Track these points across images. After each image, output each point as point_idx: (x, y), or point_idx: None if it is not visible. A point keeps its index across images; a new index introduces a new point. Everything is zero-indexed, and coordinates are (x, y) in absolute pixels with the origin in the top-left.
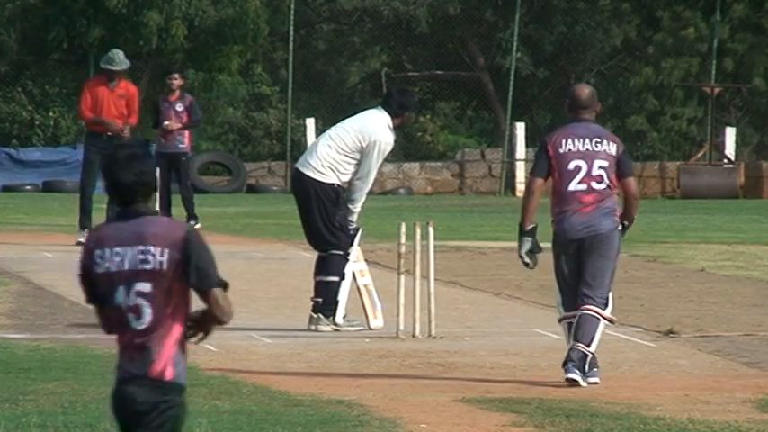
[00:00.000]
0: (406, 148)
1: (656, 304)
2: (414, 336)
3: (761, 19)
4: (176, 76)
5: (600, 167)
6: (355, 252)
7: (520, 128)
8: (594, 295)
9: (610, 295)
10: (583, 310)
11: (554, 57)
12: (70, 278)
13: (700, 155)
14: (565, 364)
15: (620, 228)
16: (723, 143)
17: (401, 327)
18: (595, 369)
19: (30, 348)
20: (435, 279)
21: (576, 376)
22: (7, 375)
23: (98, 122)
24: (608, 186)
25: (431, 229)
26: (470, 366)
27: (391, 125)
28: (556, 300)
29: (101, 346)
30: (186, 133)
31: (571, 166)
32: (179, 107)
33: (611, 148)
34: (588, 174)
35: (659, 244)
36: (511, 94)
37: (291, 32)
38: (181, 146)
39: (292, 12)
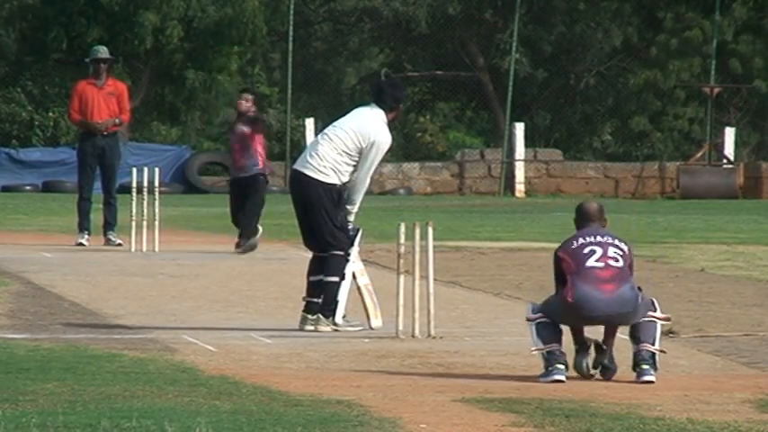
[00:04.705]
0: (406, 148)
1: None
2: (413, 336)
3: (762, 20)
4: (249, 96)
5: (614, 252)
6: (355, 253)
7: (519, 128)
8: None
9: (651, 300)
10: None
11: (553, 57)
12: (70, 278)
13: (699, 155)
14: (635, 367)
15: (641, 298)
16: (722, 143)
17: (400, 327)
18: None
19: (29, 348)
20: (435, 279)
21: (651, 378)
22: (7, 376)
23: (85, 124)
24: (625, 266)
25: (430, 230)
26: (470, 366)
27: (386, 121)
28: (533, 306)
29: (101, 346)
30: (257, 149)
31: (585, 250)
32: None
33: (623, 245)
34: (604, 254)
35: (659, 244)
36: (510, 94)
37: (290, 32)
38: (255, 168)
39: (291, 12)
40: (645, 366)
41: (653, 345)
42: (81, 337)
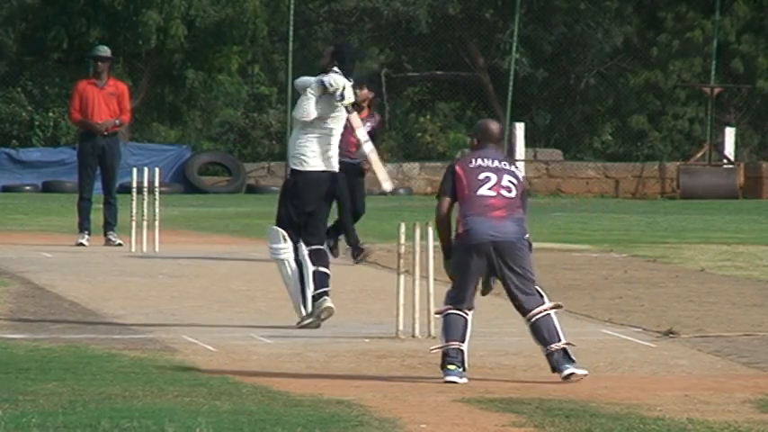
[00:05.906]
0: (406, 148)
1: (655, 304)
2: (413, 336)
3: (764, 20)
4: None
5: (509, 181)
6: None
7: (519, 128)
8: (530, 299)
9: (539, 288)
10: (531, 318)
11: (554, 57)
12: (70, 278)
13: (699, 155)
14: (554, 368)
15: (527, 236)
16: (723, 143)
17: (401, 327)
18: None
19: (29, 349)
20: (435, 279)
21: (571, 370)
22: (7, 376)
23: (86, 125)
24: (517, 197)
25: (430, 230)
26: (470, 366)
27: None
28: (446, 298)
29: (101, 346)
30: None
31: (481, 176)
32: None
33: (518, 173)
34: (498, 183)
35: (659, 244)
36: (510, 94)
37: (291, 32)
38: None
39: (292, 11)
40: (561, 365)
41: (560, 341)
42: (81, 337)
